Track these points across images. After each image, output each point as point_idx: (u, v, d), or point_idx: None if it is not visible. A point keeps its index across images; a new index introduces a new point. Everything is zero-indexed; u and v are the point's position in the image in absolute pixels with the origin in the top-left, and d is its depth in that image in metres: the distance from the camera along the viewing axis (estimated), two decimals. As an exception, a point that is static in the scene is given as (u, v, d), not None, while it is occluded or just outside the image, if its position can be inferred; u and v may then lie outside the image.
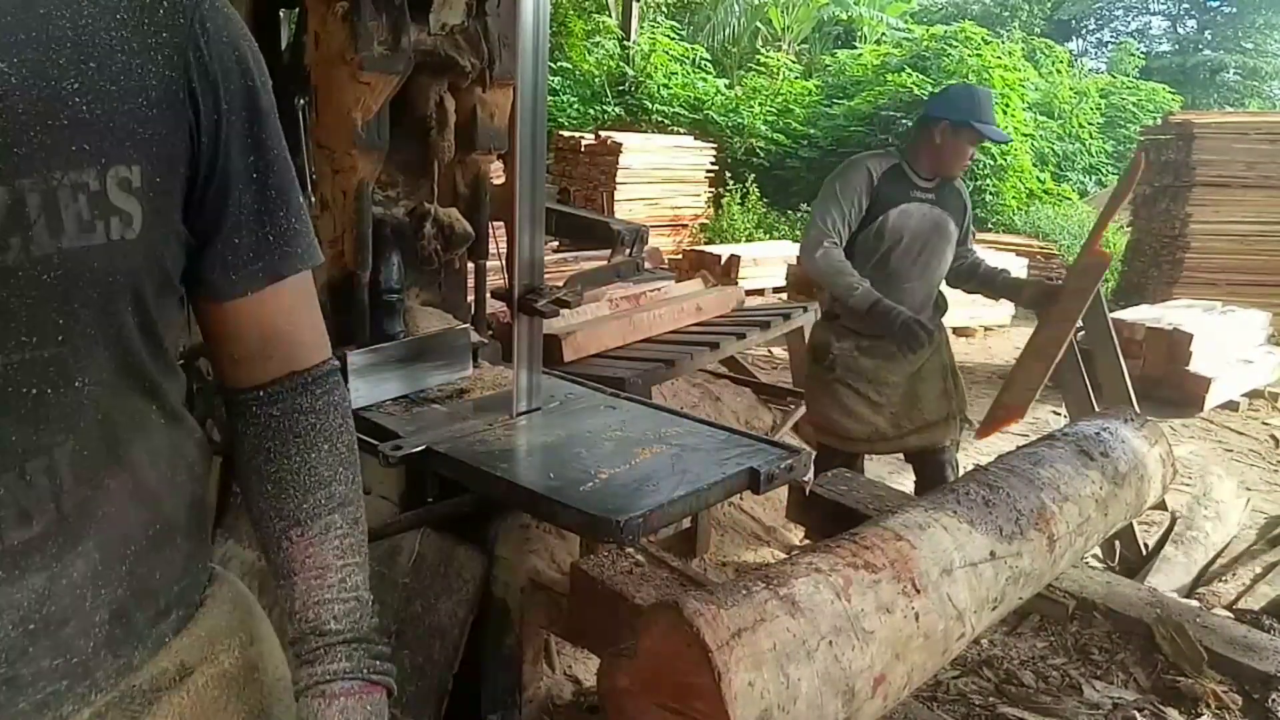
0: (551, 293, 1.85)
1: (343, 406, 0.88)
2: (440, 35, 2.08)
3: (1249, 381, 5.94)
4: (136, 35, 0.67)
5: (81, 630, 0.69)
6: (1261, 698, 1.89)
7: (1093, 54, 24.38)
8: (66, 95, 0.62)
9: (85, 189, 0.63)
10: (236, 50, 0.76)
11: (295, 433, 0.84)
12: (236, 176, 0.76)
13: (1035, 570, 1.63)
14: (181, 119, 0.70)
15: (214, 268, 0.78)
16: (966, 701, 1.98)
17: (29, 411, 0.64)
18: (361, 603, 0.86)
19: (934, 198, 2.96)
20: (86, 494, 0.68)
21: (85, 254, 0.64)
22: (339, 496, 0.85)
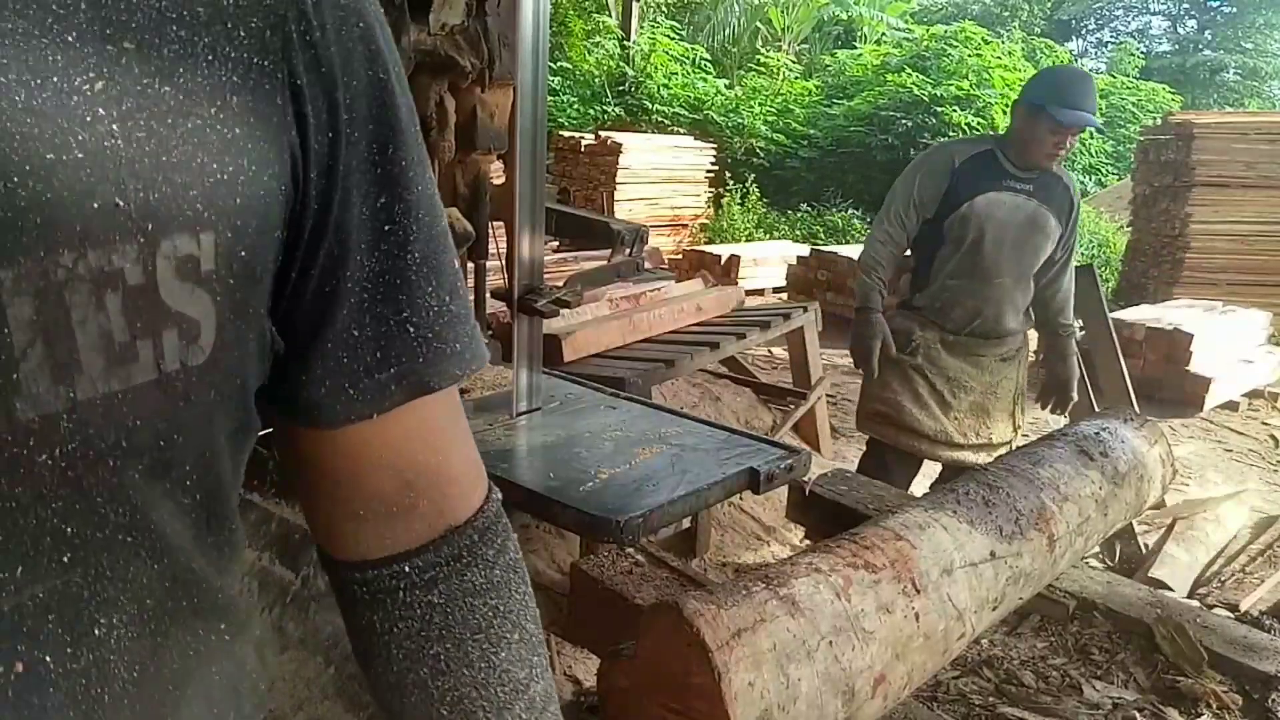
0: (551, 293, 1.86)
1: (521, 567, 0.60)
2: (440, 35, 2.08)
3: (1249, 381, 5.94)
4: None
5: None
6: (1261, 698, 1.89)
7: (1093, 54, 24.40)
8: (77, 106, 0.34)
9: (118, 282, 0.35)
10: (362, 22, 0.45)
11: (473, 626, 0.55)
12: (360, 233, 0.46)
13: (1035, 570, 1.63)
14: (278, 141, 0.41)
15: (320, 380, 0.48)
16: (966, 701, 1.98)
17: (15, 697, 0.36)
18: None
19: (1031, 189, 2.75)
20: None
21: (117, 406, 0.36)
22: (539, 700, 0.58)
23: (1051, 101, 2.59)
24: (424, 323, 0.51)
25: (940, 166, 2.80)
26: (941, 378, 2.92)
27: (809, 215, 12.43)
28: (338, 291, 0.47)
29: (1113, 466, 1.92)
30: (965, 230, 2.76)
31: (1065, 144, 2.64)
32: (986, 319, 2.86)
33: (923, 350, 2.92)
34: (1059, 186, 2.80)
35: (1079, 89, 2.64)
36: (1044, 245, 2.79)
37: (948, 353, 2.92)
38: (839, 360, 5.21)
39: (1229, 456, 4.95)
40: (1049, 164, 2.70)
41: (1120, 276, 8.79)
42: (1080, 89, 2.65)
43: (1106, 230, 10.17)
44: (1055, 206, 2.77)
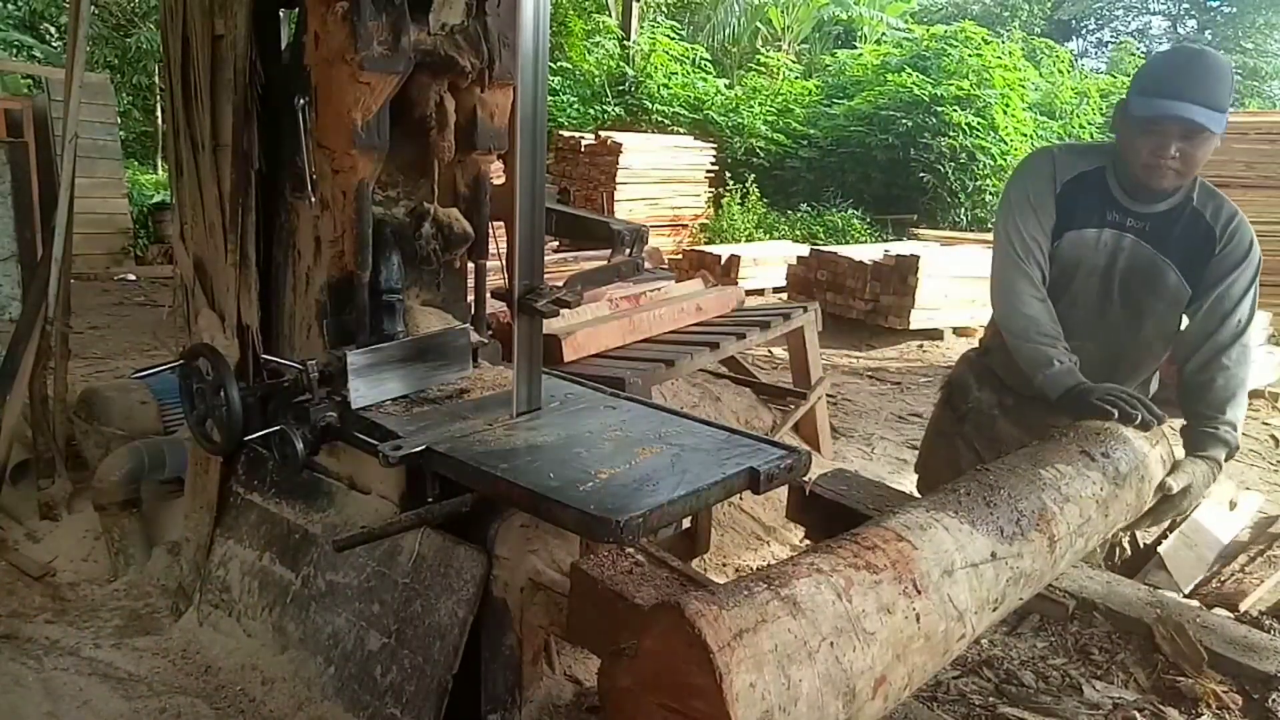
0: (551, 293, 1.85)
1: None
2: (440, 35, 2.08)
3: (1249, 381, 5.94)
4: None
5: None
6: (1261, 698, 1.89)
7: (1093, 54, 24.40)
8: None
9: None
10: None
11: None
12: None
13: (1036, 571, 1.62)
14: None
15: None
16: (966, 701, 1.98)
17: None
18: None
19: (1145, 227, 2.02)
20: None
21: None
22: None
23: (1137, 92, 1.94)
24: None
25: (1044, 182, 2.09)
26: (993, 453, 2.14)
27: (809, 215, 12.44)
28: None
29: (1114, 467, 1.91)
30: (1052, 273, 2.11)
31: (1169, 152, 1.90)
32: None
33: (973, 416, 2.29)
34: (1198, 226, 2.03)
35: (1176, 71, 1.92)
36: (1157, 308, 2.05)
37: (1006, 420, 2.25)
38: (839, 360, 5.21)
39: (1229, 456, 4.95)
40: (1157, 183, 1.96)
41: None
42: (1179, 71, 1.91)
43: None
44: (1185, 254, 2.02)
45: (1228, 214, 2.06)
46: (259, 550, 2.22)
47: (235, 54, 2.13)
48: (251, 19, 2.12)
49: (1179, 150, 1.91)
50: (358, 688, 1.91)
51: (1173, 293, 2.04)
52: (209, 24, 2.17)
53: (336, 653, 1.97)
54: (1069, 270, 2.09)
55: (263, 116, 2.17)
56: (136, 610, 2.52)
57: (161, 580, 2.63)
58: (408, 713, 1.79)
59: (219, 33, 2.16)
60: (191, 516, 2.47)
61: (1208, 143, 1.93)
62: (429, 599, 1.80)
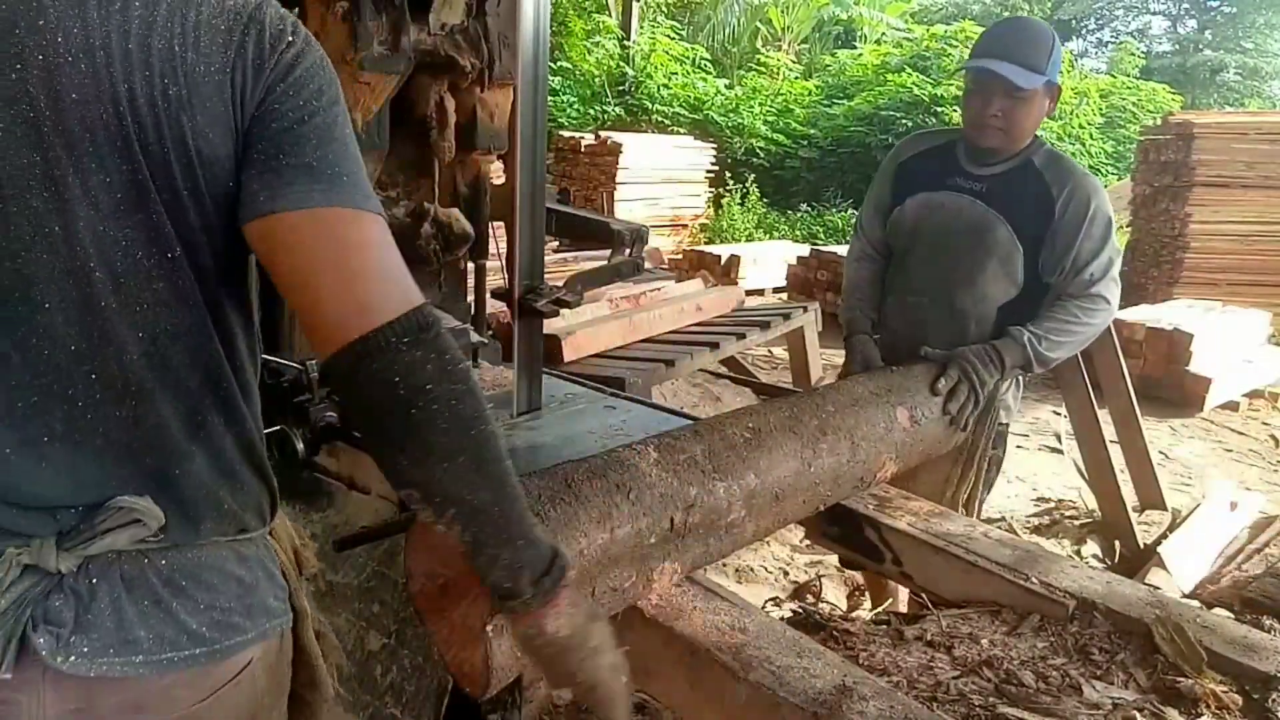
0: (551, 293, 1.85)
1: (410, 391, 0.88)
2: (440, 35, 2.08)
3: (1249, 381, 5.94)
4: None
5: None
6: (1261, 698, 1.89)
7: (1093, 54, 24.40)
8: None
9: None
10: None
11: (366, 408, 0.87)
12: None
13: None
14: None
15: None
16: (966, 701, 1.98)
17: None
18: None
19: (982, 188, 2.11)
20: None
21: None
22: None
23: (968, 58, 2.08)
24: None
25: (888, 163, 2.32)
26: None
27: (809, 215, 12.44)
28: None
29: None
30: (896, 239, 2.27)
31: (991, 109, 2.01)
32: (905, 348, 2.20)
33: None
34: (1034, 188, 2.08)
35: (996, 36, 2.10)
36: (987, 263, 2.11)
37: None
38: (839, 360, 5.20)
39: (1229, 456, 4.95)
40: (985, 140, 2.07)
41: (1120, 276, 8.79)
42: (998, 35, 2.09)
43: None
44: (1018, 213, 2.08)
45: (1065, 180, 2.09)
46: (259, 550, 2.22)
47: (235, 54, 2.13)
48: (251, 19, 2.12)
49: (1001, 109, 2.02)
50: (358, 687, 1.91)
51: (1002, 246, 2.10)
52: (209, 24, 2.16)
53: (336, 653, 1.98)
54: (913, 232, 2.23)
55: (263, 116, 2.17)
56: (136, 610, 2.51)
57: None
58: (408, 713, 1.79)
59: (219, 33, 2.16)
60: (191, 516, 2.47)
61: (1029, 102, 2.03)
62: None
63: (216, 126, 0.76)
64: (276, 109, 0.77)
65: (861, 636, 1.72)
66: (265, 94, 0.77)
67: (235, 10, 0.76)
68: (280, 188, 0.76)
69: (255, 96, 0.77)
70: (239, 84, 0.76)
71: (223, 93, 0.75)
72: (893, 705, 1.30)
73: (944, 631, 1.75)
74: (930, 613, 1.80)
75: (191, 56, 0.74)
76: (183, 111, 0.74)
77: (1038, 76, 1.98)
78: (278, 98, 0.77)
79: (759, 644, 1.38)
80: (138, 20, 0.73)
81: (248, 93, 0.76)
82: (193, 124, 0.75)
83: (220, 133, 0.76)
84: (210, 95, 0.75)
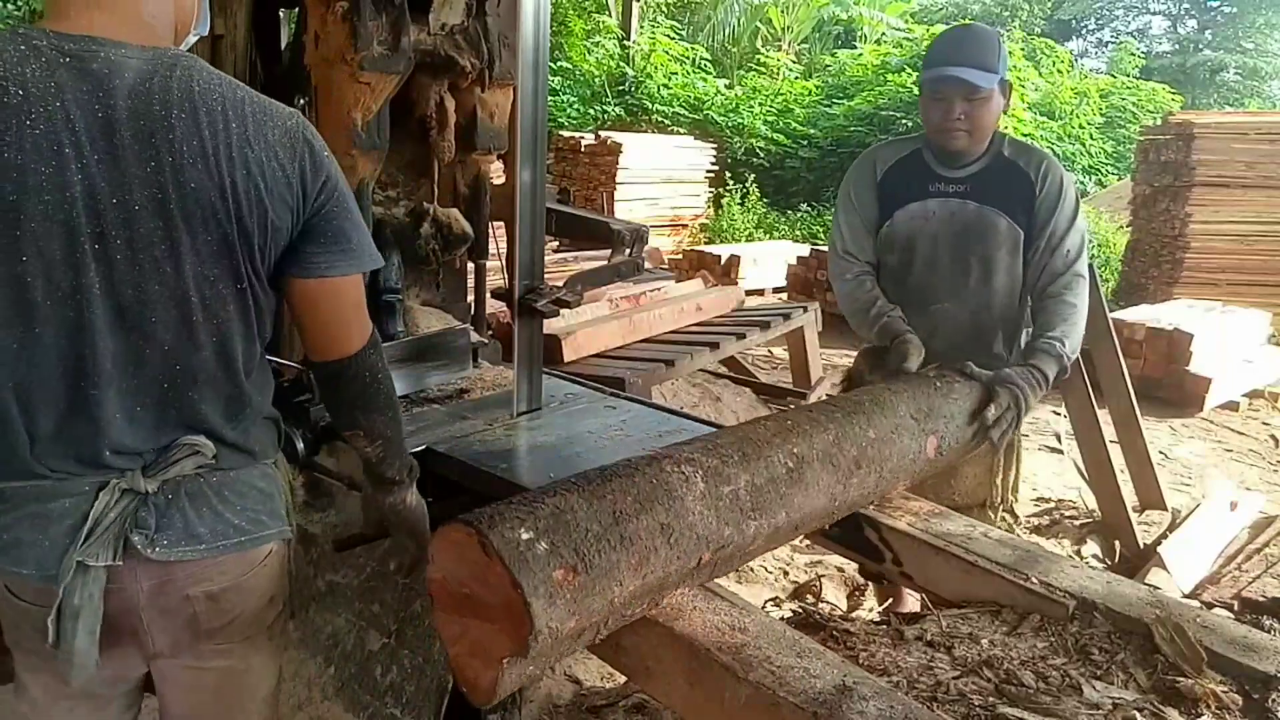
0: (551, 293, 1.86)
1: (374, 386, 1.39)
2: (440, 35, 2.08)
3: (1249, 381, 5.94)
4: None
5: None
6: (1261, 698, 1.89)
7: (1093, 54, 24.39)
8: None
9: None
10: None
11: (351, 399, 1.37)
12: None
13: None
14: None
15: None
16: (966, 701, 1.98)
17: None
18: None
19: (966, 188, 2.17)
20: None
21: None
22: (384, 429, 1.42)
23: (923, 67, 2.16)
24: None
25: (865, 180, 2.31)
26: None
27: (809, 215, 12.43)
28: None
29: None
30: (890, 254, 2.27)
31: (954, 113, 2.08)
32: (933, 355, 2.17)
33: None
34: (1013, 175, 2.17)
35: (949, 43, 2.16)
36: (998, 255, 2.17)
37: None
38: (839, 360, 5.21)
39: (1229, 456, 4.95)
40: (952, 144, 2.13)
41: (1120, 276, 8.79)
42: (950, 42, 2.16)
43: (1106, 230, 10.16)
44: (1008, 201, 2.15)
45: (1038, 160, 2.19)
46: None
47: (235, 54, 2.13)
48: (251, 19, 2.12)
49: (963, 112, 2.08)
50: (358, 688, 1.91)
51: (1007, 237, 2.16)
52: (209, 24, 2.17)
53: (336, 653, 1.98)
54: (909, 243, 2.23)
55: (263, 116, 2.17)
56: (136, 610, 2.51)
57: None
58: (408, 713, 1.79)
59: (219, 33, 2.16)
60: (191, 516, 2.47)
61: (988, 103, 2.10)
62: (429, 599, 1.80)
63: (284, 209, 1.17)
64: (323, 204, 1.21)
65: (861, 636, 1.72)
66: (318, 194, 1.20)
67: (292, 132, 1.18)
68: (327, 258, 1.21)
69: (312, 193, 1.20)
70: (300, 183, 1.18)
71: (291, 188, 1.17)
72: (893, 705, 1.30)
73: (944, 631, 1.75)
74: (930, 613, 1.80)
75: (273, 164, 1.15)
76: (267, 196, 1.14)
77: (992, 76, 2.06)
78: (325, 197, 1.21)
79: (759, 644, 1.38)
80: (236, 136, 1.12)
81: (308, 189, 1.19)
82: (272, 206, 1.15)
83: (285, 213, 1.17)
84: (283, 189, 1.16)
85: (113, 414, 1.13)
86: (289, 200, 1.17)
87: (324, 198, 1.20)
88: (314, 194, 1.19)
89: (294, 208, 1.17)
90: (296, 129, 1.18)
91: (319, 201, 1.20)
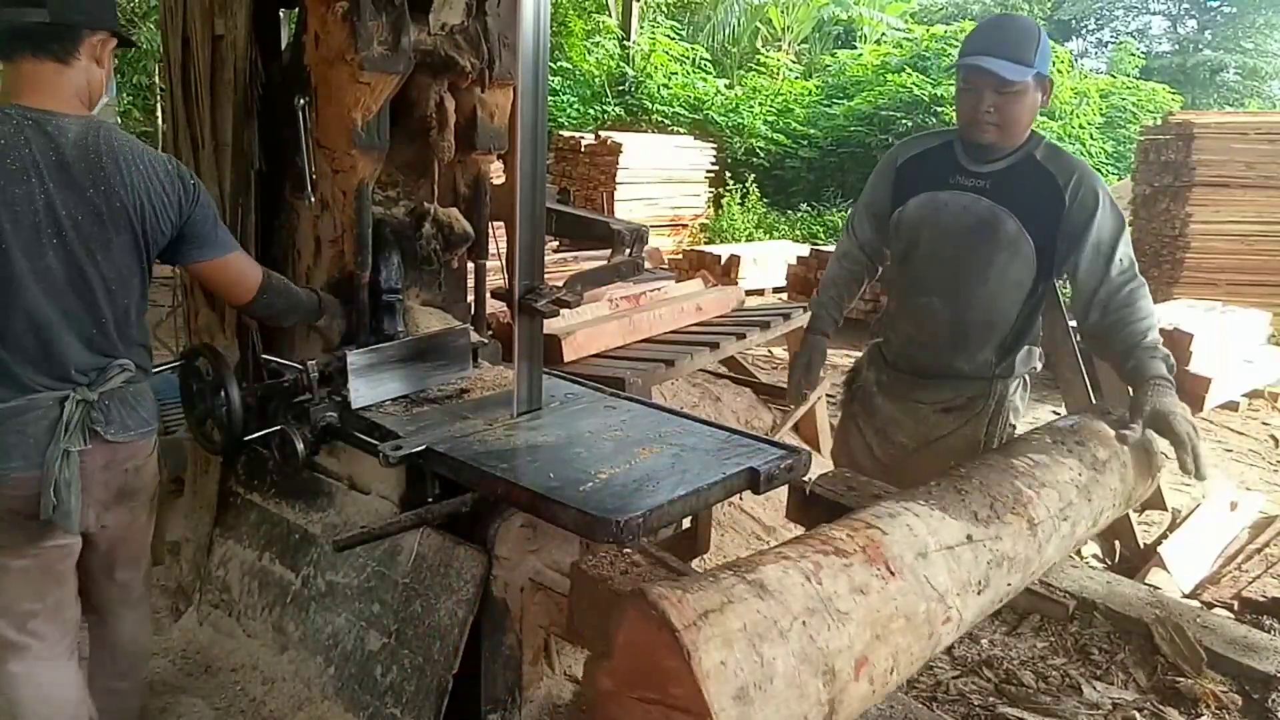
0: (551, 293, 1.85)
1: (275, 307, 2.04)
2: (440, 35, 2.08)
3: (1249, 381, 5.94)
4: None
5: None
6: (1261, 698, 1.89)
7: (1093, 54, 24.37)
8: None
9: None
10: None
11: (272, 315, 2.07)
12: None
13: (1019, 554, 1.61)
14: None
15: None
16: (966, 701, 1.98)
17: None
18: None
19: (986, 184, 2.10)
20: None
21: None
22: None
23: (958, 57, 2.09)
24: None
25: (885, 165, 2.31)
26: (871, 428, 2.39)
27: (809, 215, 12.44)
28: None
29: (1091, 454, 1.90)
30: (901, 240, 2.26)
31: (984, 106, 2.02)
32: (918, 351, 2.28)
33: (860, 394, 2.44)
34: (1041, 181, 2.06)
35: (983, 33, 2.09)
36: (996, 258, 2.10)
37: (882, 395, 2.37)
38: (839, 360, 5.21)
39: (1229, 456, 4.95)
40: (980, 137, 2.06)
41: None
42: (985, 32, 2.09)
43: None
44: (1027, 206, 2.06)
45: (1070, 170, 2.08)
46: (259, 550, 2.22)
47: (235, 54, 2.13)
48: (251, 19, 2.12)
49: (993, 104, 2.02)
50: (358, 688, 1.91)
51: (1010, 240, 2.08)
52: (209, 24, 2.16)
53: (336, 653, 1.97)
54: (915, 233, 2.21)
55: (263, 116, 2.17)
56: (136, 610, 2.51)
57: (161, 580, 2.63)
58: (408, 713, 1.79)
59: (219, 33, 2.16)
60: (191, 516, 2.48)
61: (1020, 97, 2.02)
62: (429, 599, 1.80)
63: (167, 221, 1.72)
64: (191, 216, 1.75)
65: (861, 636, 1.71)
66: (191, 210, 1.74)
67: (172, 172, 1.72)
68: (203, 251, 1.80)
69: (186, 210, 1.74)
70: (177, 204, 1.72)
71: (170, 207, 1.71)
72: (893, 705, 1.30)
73: (944, 631, 1.74)
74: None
75: (162, 193, 1.70)
76: (158, 213, 1.70)
77: (1026, 69, 1.99)
78: (193, 212, 1.75)
79: (759, 644, 1.38)
80: (139, 174, 1.66)
81: (183, 208, 1.73)
82: (159, 219, 1.70)
83: (167, 223, 1.72)
84: (166, 208, 1.71)
85: (73, 348, 1.65)
86: (170, 215, 1.71)
87: (193, 212, 1.74)
88: (187, 211, 1.73)
89: (174, 221, 1.72)
90: (174, 169, 1.73)
91: (190, 215, 1.74)
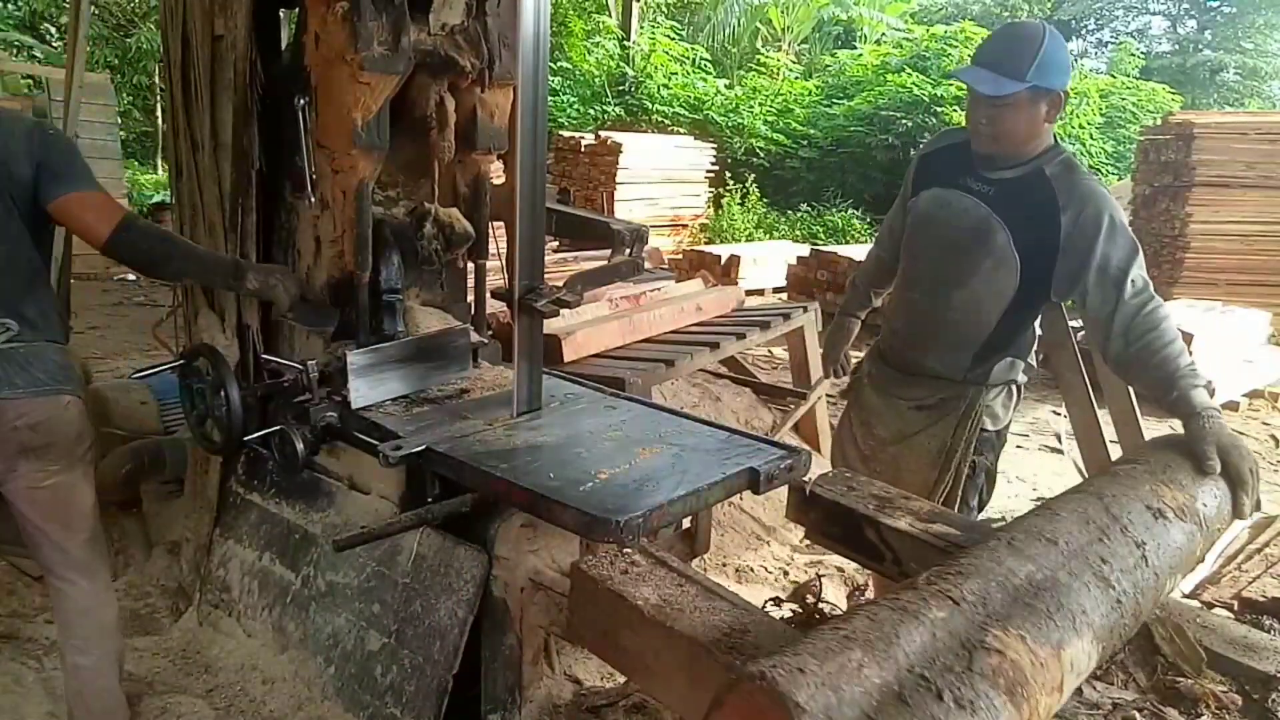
0: (551, 293, 1.85)
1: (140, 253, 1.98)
2: (440, 35, 2.08)
3: (1249, 381, 5.94)
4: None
5: None
6: (1261, 698, 1.89)
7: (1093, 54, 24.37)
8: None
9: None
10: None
11: (151, 258, 1.99)
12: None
13: None
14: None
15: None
16: (966, 701, 1.97)
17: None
18: None
19: (990, 191, 2.06)
20: None
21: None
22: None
23: (964, 65, 2.07)
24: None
25: (917, 155, 2.32)
26: (858, 419, 2.40)
27: (809, 215, 12.44)
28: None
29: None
30: (907, 231, 2.26)
31: (978, 117, 2.00)
32: (902, 345, 2.29)
33: (854, 385, 2.47)
34: (1043, 197, 1.99)
35: (987, 39, 2.07)
36: (981, 265, 2.06)
37: (870, 387, 2.37)
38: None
39: (1229, 456, 4.94)
40: (979, 146, 2.04)
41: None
42: (988, 39, 2.07)
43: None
44: (1023, 220, 2.01)
45: (1074, 192, 1.98)
46: (259, 550, 2.22)
47: (235, 54, 2.13)
48: (251, 19, 2.12)
49: (985, 116, 1.98)
50: (358, 688, 1.91)
51: (998, 252, 2.03)
52: (209, 24, 2.16)
53: (336, 653, 1.97)
54: (919, 225, 2.21)
55: (263, 116, 2.17)
56: (136, 610, 2.52)
57: (161, 580, 2.63)
58: (408, 713, 1.79)
59: (219, 33, 2.16)
60: (191, 516, 2.48)
61: (1013, 109, 1.95)
62: (429, 599, 1.80)
63: (28, 165, 1.79)
64: (47, 156, 1.81)
65: (861, 636, 1.71)
66: (45, 154, 1.81)
67: (29, 128, 1.84)
68: (58, 185, 1.82)
69: (38, 153, 1.80)
70: (31, 151, 1.80)
71: (28, 153, 1.79)
72: (893, 705, 1.29)
73: (944, 631, 1.74)
74: (930, 613, 1.79)
75: (19, 150, 1.79)
76: (17, 164, 1.78)
77: (1012, 83, 1.91)
78: (48, 154, 1.82)
79: (759, 644, 1.38)
80: (4, 140, 1.78)
81: (37, 151, 1.80)
82: (17, 167, 1.78)
83: (28, 166, 1.79)
84: (24, 154, 1.79)
85: None
86: (26, 163, 1.79)
87: (46, 155, 1.81)
88: (38, 155, 1.80)
89: (30, 167, 1.79)
90: (33, 126, 1.86)
91: (44, 158, 1.80)
